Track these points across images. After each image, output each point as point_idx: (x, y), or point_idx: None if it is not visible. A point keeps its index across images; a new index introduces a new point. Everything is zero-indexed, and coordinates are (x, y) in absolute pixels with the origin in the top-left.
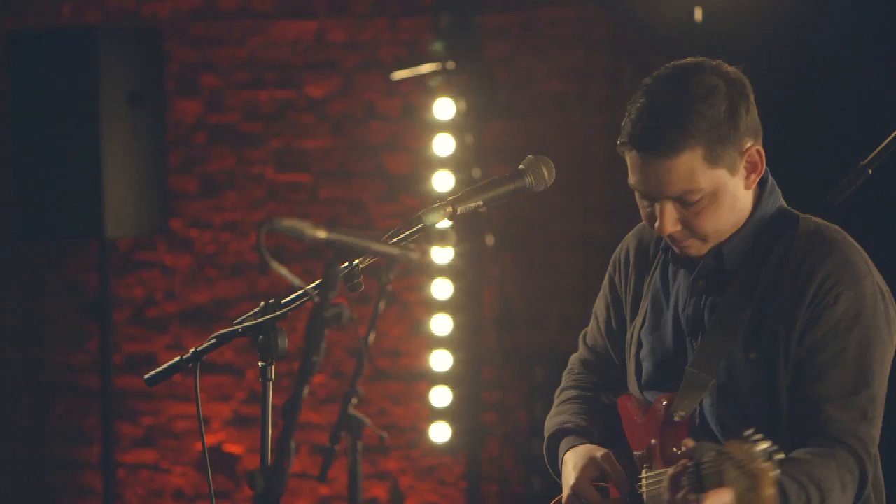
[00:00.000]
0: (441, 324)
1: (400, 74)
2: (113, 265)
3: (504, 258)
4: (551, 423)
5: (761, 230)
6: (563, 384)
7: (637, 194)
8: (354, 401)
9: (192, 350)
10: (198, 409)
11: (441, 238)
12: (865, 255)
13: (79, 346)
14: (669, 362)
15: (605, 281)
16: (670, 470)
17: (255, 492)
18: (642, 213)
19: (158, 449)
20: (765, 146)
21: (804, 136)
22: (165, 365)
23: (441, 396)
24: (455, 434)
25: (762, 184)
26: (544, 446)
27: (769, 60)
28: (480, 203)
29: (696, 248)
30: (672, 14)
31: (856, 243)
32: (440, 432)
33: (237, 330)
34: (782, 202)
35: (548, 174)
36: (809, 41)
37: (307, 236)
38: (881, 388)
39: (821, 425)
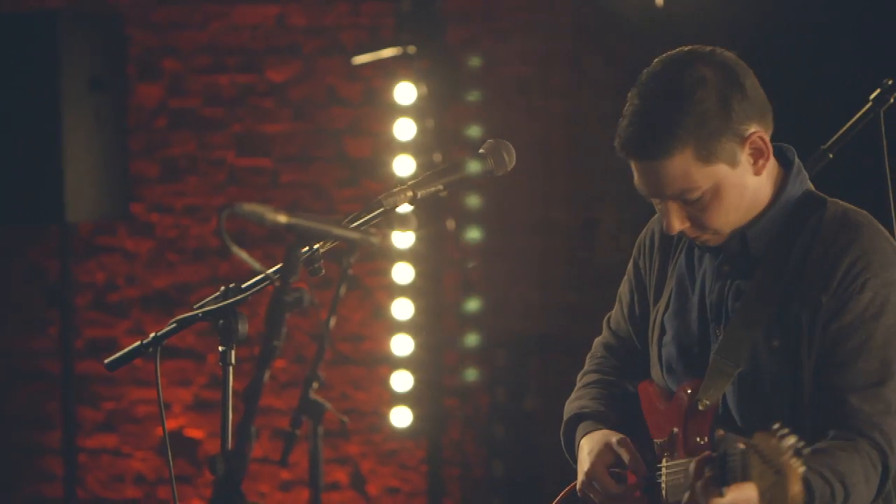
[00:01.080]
0: (402, 308)
1: (361, 59)
2: (74, 250)
3: (465, 242)
4: (570, 407)
5: (788, 214)
6: (585, 368)
7: None
8: (315, 385)
9: (152, 335)
10: (158, 394)
11: (402, 222)
12: (893, 241)
13: (40, 331)
14: (693, 348)
15: (630, 264)
16: (693, 460)
17: (216, 476)
18: (657, 211)
19: (119, 434)
20: None
21: None
22: (126, 349)
23: (402, 381)
24: (416, 418)
25: (788, 166)
26: (561, 430)
27: (730, 44)
28: (441, 187)
29: (715, 240)
30: None
31: (883, 229)
32: (401, 417)
33: (198, 314)
34: (809, 185)
35: (508, 158)
36: (770, 24)
37: (268, 221)
38: None
39: (844, 417)
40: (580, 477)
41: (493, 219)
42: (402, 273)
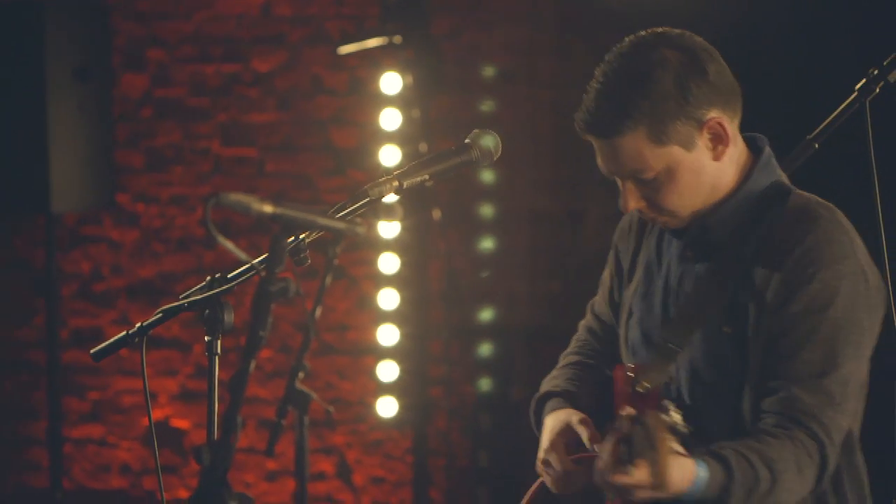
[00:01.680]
0: (388, 298)
1: (347, 49)
2: (59, 240)
3: (450, 232)
4: (543, 385)
5: (752, 203)
6: (567, 349)
7: None
8: (301, 375)
9: (138, 325)
10: (144, 384)
11: (388, 212)
12: (854, 236)
13: (25, 322)
14: (655, 331)
15: (611, 250)
16: (607, 440)
17: (202, 466)
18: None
19: (105, 424)
20: None
21: (753, 110)
22: (112, 340)
23: (388, 371)
24: (402, 408)
25: (758, 155)
26: (531, 408)
27: (717, 34)
28: (427, 177)
29: (673, 222)
30: None
31: (846, 223)
32: (387, 407)
33: (183, 304)
34: (780, 176)
35: (493, 147)
36: (757, 14)
37: (253, 211)
38: (855, 373)
39: (784, 406)
40: (539, 453)
41: (478, 208)
42: (388, 263)
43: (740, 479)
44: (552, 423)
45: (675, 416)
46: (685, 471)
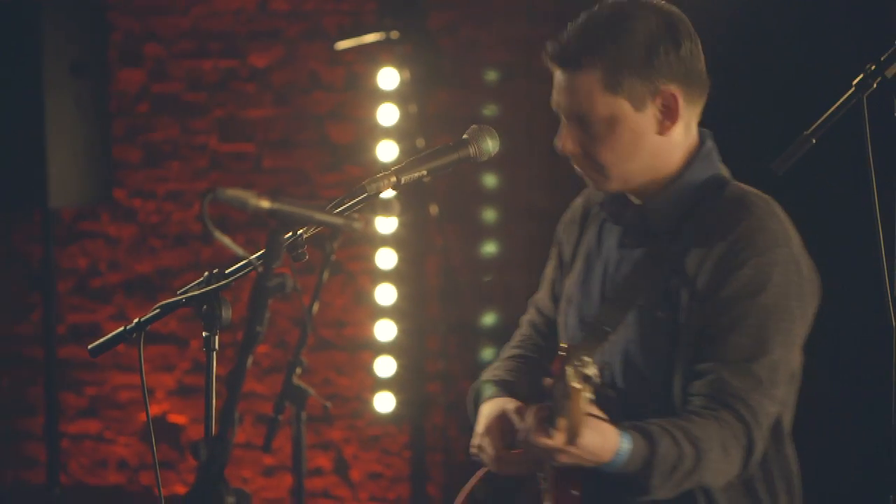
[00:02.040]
0: (385, 294)
1: (344, 44)
2: (56, 235)
3: (448, 228)
4: (483, 376)
5: (689, 193)
6: (509, 343)
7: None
8: (298, 371)
9: (135, 320)
10: (142, 380)
11: (385, 208)
12: (789, 226)
13: (22, 317)
14: (591, 315)
15: (554, 244)
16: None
17: (199, 462)
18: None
19: (102, 419)
20: (710, 114)
21: (747, 105)
22: (109, 335)
23: (385, 366)
24: (399, 404)
25: (698, 147)
26: (469, 397)
27: (712, 30)
28: (424, 173)
29: (599, 182)
30: None
31: (781, 214)
32: (384, 402)
33: (181, 300)
34: (719, 170)
35: (491, 143)
36: (755, 10)
37: (251, 206)
38: (784, 360)
39: (713, 389)
40: (473, 439)
41: (475, 204)
42: (386, 258)
43: (664, 454)
44: (488, 409)
45: (591, 369)
46: (607, 439)
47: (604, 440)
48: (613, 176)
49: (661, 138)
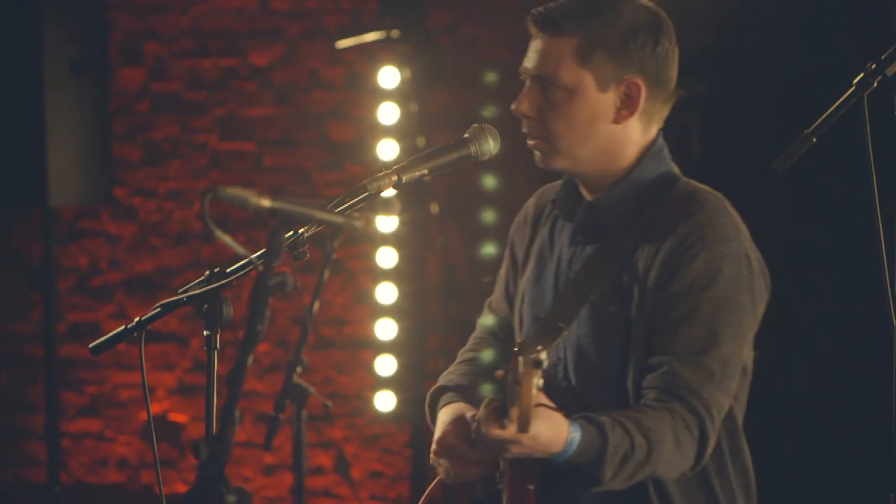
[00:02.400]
0: (386, 292)
1: (344, 43)
2: (57, 234)
3: (448, 227)
4: (439, 381)
5: (640, 190)
6: (465, 346)
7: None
8: (299, 369)
9: (136, 319)
10: (142, 378)
11: (386, 207)
12: (739, 222)
13: (23, 315)
14: (545, 311)
15: (507, 245)
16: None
17: (200, 460)
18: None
19: (103, 418)
20: (710, 115)
21: (748, 104)
22: (110, 334)
23: (386, 365)
24: (400, 402)
25: (648, 146)
26: (427, 402)
27: (713, 29)
28: (425, 172)
29: (547, 154)
30: None
31: (730, 209)
32: (385, 401)
33: (182, 299)
34: (671, 168)
35: (492, 142)
36: (755, 8)
37: (251, 205)
38: (736, 353)
39: (665, 382)
40: (432, 445)
41: (476, 203)
42: (386, 257)
43: (615, 444)
44: (445, 415)
45: (542, 355)
46: (558, 429)
47: (554, 430)
48: (562, 149)
49: (617, 128)
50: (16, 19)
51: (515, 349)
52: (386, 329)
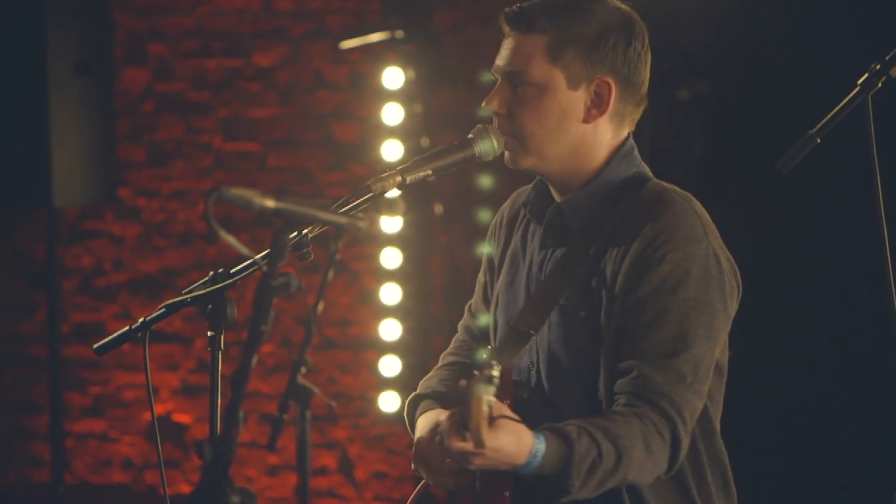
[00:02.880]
0: (390, 293)
1: (348, 43)
2: (61, 234)
3: (453, 227)
4: (419, 388)
5: (608, 192)
6: (447, 350)
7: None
8: (303, 370)
9: (141, 319)
10: (147, 379)
11: (390, 207)
12: (708, 221)
13: (26, 316)
14: (516, 320)
15: (485, 248)
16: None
17: (204, 461)
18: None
19: (107, 418)
20: (713, 115)
21: (752, 104)
22: (115, 334)
23: (390, 365)
24: (404, 403)
25: (617, 148)
26: (405, 411)
27: (716, 30)
28: (429, 172)
29: (517, 152)
30: None
31: (699, 210)
32: (389, 401)
33: (186, 299)
34: (641, 169)
35: (497, 143)
36: (757, 8)
37: (255, 205)
38: (707, 354)
39: (635, 386)
40: (414, 454)
41: (479, 203)
42: (390, 258)
43: (581, 453)
44: (423, 423)
45: (494, 371)
46: (521, 441)
47: (517, 442)
48: (531, 147)
49: (587, 127)
50: (20, 19)
51: (484, 356)
52: (390, 329)
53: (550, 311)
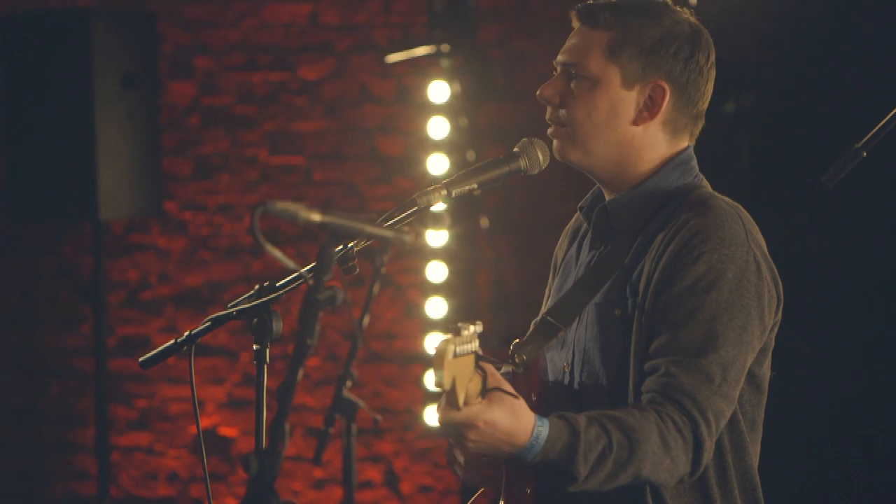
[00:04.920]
0: (435, 306)
1: (394, 57)
2: (107, 248)
3: (498, 241)
4: None
5: (656, 198)
6: None
7: None
8: (349, 383)
9: (186, 333)
10: (192, 392)
11: (435, 221)
12: (753, 230)
13: (73, 329)
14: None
15: (552, 264)
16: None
17: (250, 474)
18: None
19: (153, 432)
20: (759, 128)
21: (798, 117)
22: (160, 348)
23: None
24: None
25: (672, 157)
26: None
27: (763, 42)
28: (475, 186)
29: (564, 144)
30: None
31: (745, 217)
32: (435, 415)
33: (232, 313)
34: (697, 181)
35: (542, 156)
36: (803, 22)
37: (301, 219)
38: (738, 359)
39: (660, 383)
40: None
41: (525, 217)
42: (436, 271)
43: (588, 440)
44: None
45: (471, 327)
46: (520, 419)
47: (514, 419)
48: (578, 139)
49: (636, 129)
50: (67, 33)
51: (510, 350)
52: (435, 343)
53: (583, 307)
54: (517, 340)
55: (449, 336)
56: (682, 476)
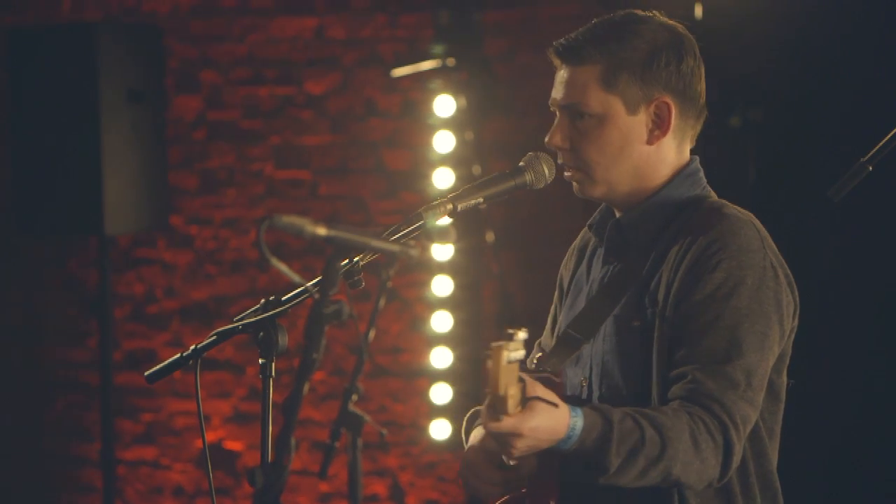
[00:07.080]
0: (441, 321)
1: (400, 71)
2: (113, 262)
3: (504, 255)
4: (476, 407)
5: (668, 210)
6: None
7: None
8: (354, 397)
9: (192, 347)
10: (198, 406)
11: (441, 235)
12: (766, 237)
13: (78, 343)
14: (566, 327)
15: (557, 281)
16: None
17: (256, 488)
18: None
19: (158, 446)
20: (766, 142)
21: (804, 132)
22: (166, 362)
23: (441, 393)
24: (455, 431)
25: (681, 168)
26: (462, 428)
27: (769, 56)
28: (481, 200)
29: (585, 184)
30: (672, 10)
31: (758, 225)
32: (440, 429)
33: (237, 327)
34: (705, 192)
35: (548, 171)
36: (809, 37)
37: (307, 233)
38: (760, 364)
39: (686, 391)
40: (461, 464)
41: (531, 231)
42: (441, 286)
43: (622, 432)
44: (475, 434)
45: (520, 333)
46: (557, 419)
47: (552, 418)
48: (598, 178)
49: (650, 148)
50: (73, 48)
51: (532, 364)
52: (441, 357)
53: (604, 319)
54: (540, 354)
55: (502, 342)
56: (711, 480)
